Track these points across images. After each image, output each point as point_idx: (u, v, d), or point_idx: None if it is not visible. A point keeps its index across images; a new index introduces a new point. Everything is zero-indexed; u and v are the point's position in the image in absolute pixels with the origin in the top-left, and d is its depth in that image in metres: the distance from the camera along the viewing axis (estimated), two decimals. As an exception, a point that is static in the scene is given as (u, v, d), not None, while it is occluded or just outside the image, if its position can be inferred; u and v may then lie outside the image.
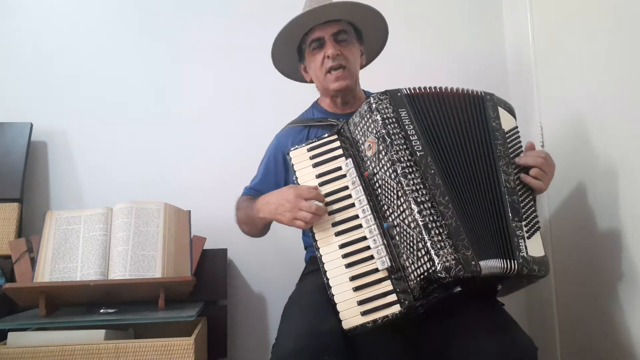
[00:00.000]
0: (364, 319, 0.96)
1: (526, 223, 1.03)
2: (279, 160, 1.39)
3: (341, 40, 1.32)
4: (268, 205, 1.16)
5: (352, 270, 1.01)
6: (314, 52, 1.34)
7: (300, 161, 1.15)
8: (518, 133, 1.16)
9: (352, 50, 1.34)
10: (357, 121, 1.12)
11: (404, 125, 1.05)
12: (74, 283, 1.38)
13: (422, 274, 0.93)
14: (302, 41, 1.38)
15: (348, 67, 1.32)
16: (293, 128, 1.42)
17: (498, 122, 1.12)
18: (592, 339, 1.35)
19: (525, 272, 0.97)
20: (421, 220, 0.94)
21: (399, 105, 1.07)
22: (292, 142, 1.35)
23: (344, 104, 1.40)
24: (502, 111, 1.15)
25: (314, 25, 1.32)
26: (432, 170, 1.00)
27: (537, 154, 1.11)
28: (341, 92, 1.34)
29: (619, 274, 1.21)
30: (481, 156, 1.07)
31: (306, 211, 1.05)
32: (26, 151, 1.72)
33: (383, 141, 1.03)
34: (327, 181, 1.11)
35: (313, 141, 1.17)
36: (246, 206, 1.29)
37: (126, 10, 1.93)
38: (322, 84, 1.36)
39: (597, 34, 1.29)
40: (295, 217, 1.07)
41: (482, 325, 0.99)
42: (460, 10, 1.94)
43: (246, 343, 1.77)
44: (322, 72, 1.33)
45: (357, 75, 1.39)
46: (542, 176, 1.09)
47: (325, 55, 1.31)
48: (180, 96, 1.89)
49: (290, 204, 1.08)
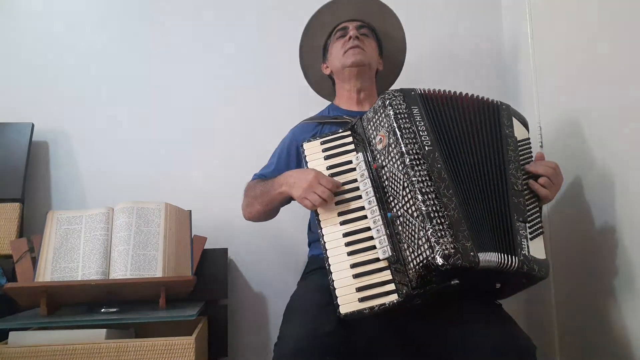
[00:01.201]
0: (361, 305, 0.98)
1: (530, 225, 1.06)
2: (292, 152, 1.42)
3: (363, 33, 1.47)
4: (289, 177, 1.21)
5: (353, 258, 1.04)
6: (338, 39, 1.48)
7: (313, 153, 1.20)
8: (530, 144, 1.19)
9: (371, 44, 1.49)
10: (370, 116, 1.16)
11: (415, 121, 1.08)
12: (75, 283, 1.38)
13: (421, 261, 0.94)
14: (328, 37, 1.53)
15: (366, 50, 1.46)
16: (307, 124, 1.46)
17: (511, 130, 1.17)
18: (590, 338, 1.35)
19: (526, 269, 0.99)
20: (424, 209, 0.97)
21: (411, 103, 1.11)
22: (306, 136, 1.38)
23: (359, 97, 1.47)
24: (515, 122, 1.20)
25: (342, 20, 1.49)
26: (438, 165, 1.03)
27: (547, 164, 1.14)
28: (356, 65, 1.42)
29: (617, 274, 1.22)
30: (492, 158, 1.11)
31: (319, 195, 1.10)
32: (27, 151, 1.73)
33: (394, 134, 1.07)
34: (337, 173, 1.16)
35: (326, 135, 1.21)
36: (263, 184, 1.33)
37: (127, 10, 1.93)
38: (340, 63, 1.46)
39: (596, 33, 1.29)
40: (306, 197, 1.12)
41: (480, 322, 1.00)
42: (458, 9, 1.94)
43: (247, 342, 1.77)
44: (341, 52, 1.45)
45: (373, 66, 1.49)
46: (549, 186, 1.12)
47: (347, 38, 1.45)
48: (181, 96, 1.89)
49: (307, 182, 1.13)
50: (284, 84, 1.74)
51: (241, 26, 1.93)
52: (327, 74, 1.55)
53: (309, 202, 1.11)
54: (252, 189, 1.38)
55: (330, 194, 1.10)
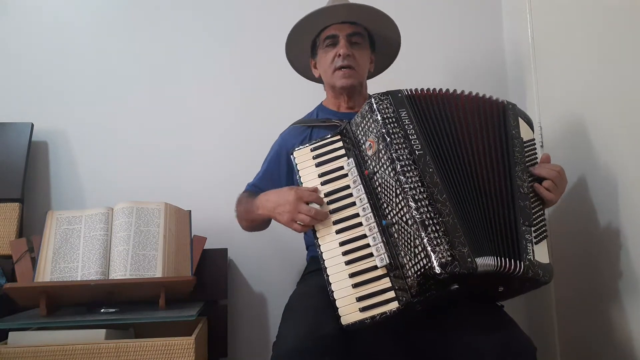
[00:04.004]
0: (362, 315, 0.97)
1: (535, 229, 1.04)
2: (282, 159, 1.40)
3: (354, 42, 1.36)
4: (267, 202, 1.18)
5: (351, 267, 1.02)
6: (327, 48, 1.38)
7: (304, 161, 1.18)
8: (535, 145, 1.18)
9: (363, 54, 1.38)
10: (358, 121, 1.14)
11: (403, 125, 1.06)
12: (75, 283, 1.38)
13: (419, 270, 0.93)
14: (317, 36, 1.41)
15: (356, 69, 1.36)
16: (296, 128, 1.43)
17: (517, 131, 1.15)
18: (592, 340, 1.35)
19: (531, 274, 0.98)
20: (418, 217, 0.95)
21: (399, 106, 1.09)
22: (295, 141, 1.37)
23: (349, 106, 1.42)
24: (522, 122, 1.18)
25: (332, 22, 1.36)
26: (430, 169, 1.01)
27: (552, 167, 1.13)
28: (346, 89, 1.37)
29: (618, 274, 1.21)
30: (497, 160, 1.08)
31: (305, 214, 1.07)
32: (27, 151, 1.72)
33: (383, 140, 1.05)
34: (329, 180, 1.13)
35: (316, 141, 1.19)
36: (246, 201, 1.31)
37: (126, 10, 1.93)
38: (329, 80, 1.39)
39: (596, 34, 1.29)
40: (294, 219, 1.09)
41: (480, 323, 0.99)
42: (459, 10, 1.95)
43: (246, 343, 1.77)
44: (331, 69, 1.37)
45: (364, 78, 1.43)
46: (554, 189, 1.11)
47: (337, 53, 1.34)
48: (181, 96, 1.89)
49: (290, 205, 1.09)
50: (284, 84, 1.74)
51: (241, 26, 1.93)
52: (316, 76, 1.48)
53: (298, 225, 1.08)
54: (239, 204, 1.37)
55: (318, 211, 1.07)
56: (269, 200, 1.17)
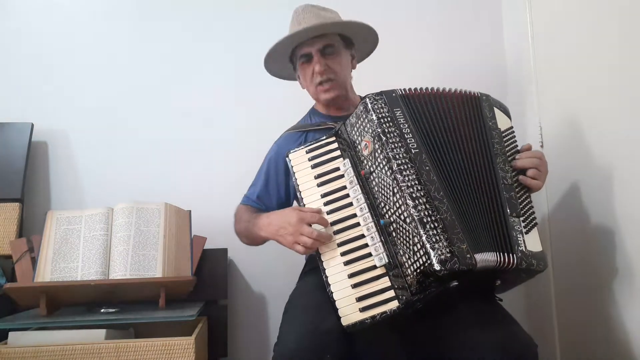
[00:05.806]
0: (362, 315, 0.97)
1: (524, 219, 1.05)
2: (279, 167, 1.38)
3: (328, 53, 1.33)
4: (270, 225, 1.17)
5: (350, 268, 1.02)
6: (304, 65, 1.36)
7: (299, 163, 1.18)
8: (514, 133, 1.17)
9: (340, 61, 1.35)
10: (353, 122, 1.14)
11: (398, 124, 1.07)
12: (75, 283, 1.38)
13: (418, 268, 0.94)
14: (292, 54, 1.39)
15: (336, 79, 1.34)
16: (291, 134, 1.42)
17: (494, 122, 1.14)
18: (591, 337, 1.35)
19: (525, 265, 0.98)
20: (416, 215, 0.95)
21: (394, 105, 1.09)
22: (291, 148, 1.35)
23: (338, 110, 1.41)
24: (497, 112, 1.17)
25: (301, 42, 1.33)
26: (426, 167, 1.02)
27: (532, 155, 1.13)
28: (331, 101, 1.37)
29: (617, 272, 1.22)
30: (478, 154, 1.08)
31: (307, 237, 1.06)
32: (27, 151, 1.73)
33: (379, 139, 1.05)
34: (326, 181, 1.13)
35: (312, 143, 1.19)
36: (247, 220, 1.29)
37: (127, 11, 1.93)
38: (314, 95, 1.40)
39: (596, 35, 1.29)
40: (296, 242, 1.08)
41: (481, 320, 1.00)
42: (459, 10, 1.95)
43: (247, 342, 1.77)
44: (313, 85, 1.36)
45: (349, 82, 1.41)
46: (538, 175, 1.10)
47: (313, 70, 1.33)
48: (181, 96, 1.89)
49: (292, 227, 1.08)
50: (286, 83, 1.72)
51: (241, 27, 1.93)
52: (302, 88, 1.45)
53: (301, 247, 1.07)
54: (239, 222, 1.34)
55: (321, 233, 1.05)
56: (271, 223, 1.16)
